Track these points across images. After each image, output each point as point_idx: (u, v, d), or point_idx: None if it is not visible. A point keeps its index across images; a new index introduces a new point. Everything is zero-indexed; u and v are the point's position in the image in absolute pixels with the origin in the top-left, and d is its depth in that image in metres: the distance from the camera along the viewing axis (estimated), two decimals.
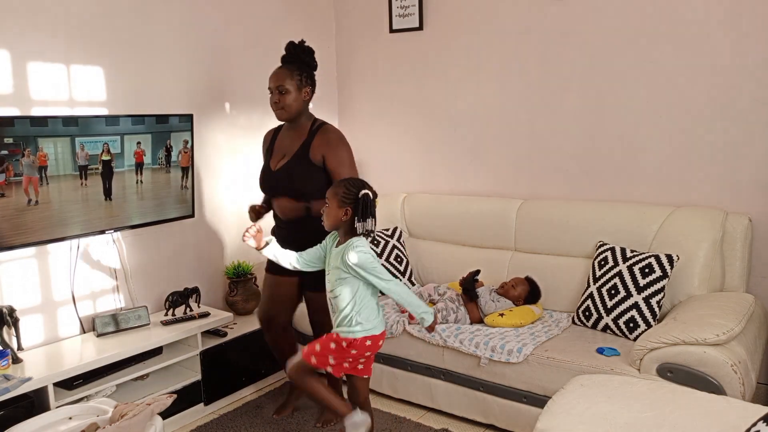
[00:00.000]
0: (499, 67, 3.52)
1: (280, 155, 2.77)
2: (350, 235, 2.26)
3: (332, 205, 2.25)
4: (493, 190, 3.63)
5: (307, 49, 2.76)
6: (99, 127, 2.75)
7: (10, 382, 2.35)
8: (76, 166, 2.69)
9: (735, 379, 2.20)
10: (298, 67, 2.71)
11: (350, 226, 2.25)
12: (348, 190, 2.23)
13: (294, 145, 2.73)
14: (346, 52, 4.15)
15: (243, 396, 3.26)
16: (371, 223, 2.23)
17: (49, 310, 2.82)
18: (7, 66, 2.60)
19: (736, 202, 2.91)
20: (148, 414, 2.08)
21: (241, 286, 3.46)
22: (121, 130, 2.82)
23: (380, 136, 4.08)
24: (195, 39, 3.32)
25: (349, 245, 2.22)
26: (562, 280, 3.12)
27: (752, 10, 2.78)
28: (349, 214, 2.23)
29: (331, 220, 2.26)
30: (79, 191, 2.72)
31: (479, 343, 2.75)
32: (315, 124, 2.76)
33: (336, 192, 2.25)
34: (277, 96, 2.68)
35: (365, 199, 2.22)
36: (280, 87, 2.66)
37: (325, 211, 2.28)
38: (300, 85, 2.69)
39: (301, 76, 2.69)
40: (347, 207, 2.23)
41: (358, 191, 2.22)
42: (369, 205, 2.22)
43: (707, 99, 2.93)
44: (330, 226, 2.29)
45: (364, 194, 2.22)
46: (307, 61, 2.74)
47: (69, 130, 2.64)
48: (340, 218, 2.24)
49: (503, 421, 2.75)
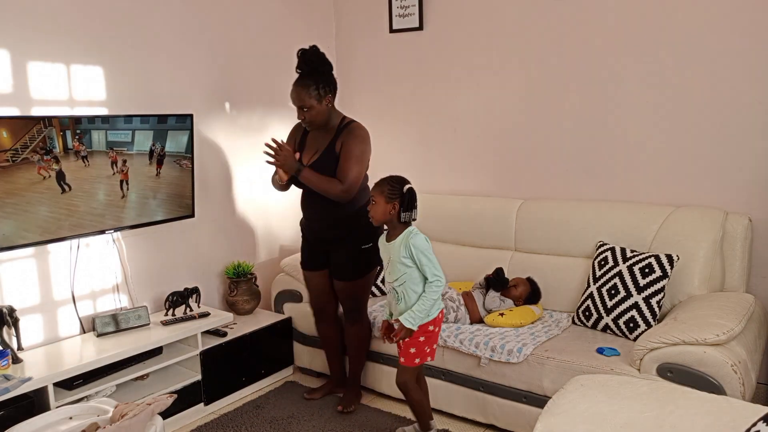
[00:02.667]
0: (499, 67, 3.52)
1: (312, 151, 2.86)
2: (400, 227, 2.48)
3: (379, 201, 2.47)
4: (493, 190, 3.63)
5: (320, 56, 2.78)
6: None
7: (10, 382, 2.35)
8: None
9: (735, 379, 2.20)
10: (315, 80, 2.74)
11: (398, 219, 2.47)
12: (393, 186, 2.46)
13: (325, 141, 2.84)
14: (346, 52, 4.15)
15: (243, 396, 3.26)
16: (415, 213, 2.49)
17: (49, 310, 2.82)
18: (7, 66, 2.60)
19: (736, 202, 2.91)
20: (148, 414, 2.08)
21: (241, 286, 3.46)
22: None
23: (380, 136, 4.07)
24: (195, 39, 3.32)
25: (409, 234, 2.44)
26: (562, 280, 3.12)
27: (752, 10, 2.78)
28: (396, 208, 2.45)
29: (379, 215, 2.48)
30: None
31: (479, 343, 2.75)
32: (343, 122, 2.86)
33: (382, 190, 2.47)
34: (302, 114, 2.78)
35: (410, 192, 2.46)
36: (302, 106, 2.75)
37: (372, 208, 2.50)
38: (320, 98, 2.75)
39: (318, 89, 2.74)
40: (394, 202, 2.44)
41: (402, 186, 2.46)
42: (414, 197, 2.47)
43: (707, 99, 2.93)
44: (378, 221, 2.50)
45: (408, 188, 2.46)
46: (322, 69, 2.78)
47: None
48: (389, 212, 2.46)
49: (503, 421, 2.75)
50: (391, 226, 2.52)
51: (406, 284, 2.45)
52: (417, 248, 2.41)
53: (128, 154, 2.89)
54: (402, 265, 2.44)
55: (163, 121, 2.98)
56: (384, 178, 2.52)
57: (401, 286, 2.47)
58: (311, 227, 2.98)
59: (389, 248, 2.52)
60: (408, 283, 2.45)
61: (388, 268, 2.54)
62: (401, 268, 2.45)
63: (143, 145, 2.93)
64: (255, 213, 3.75)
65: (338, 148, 2.79)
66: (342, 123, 2.86)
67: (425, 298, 2.43)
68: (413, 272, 2.44)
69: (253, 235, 3.77)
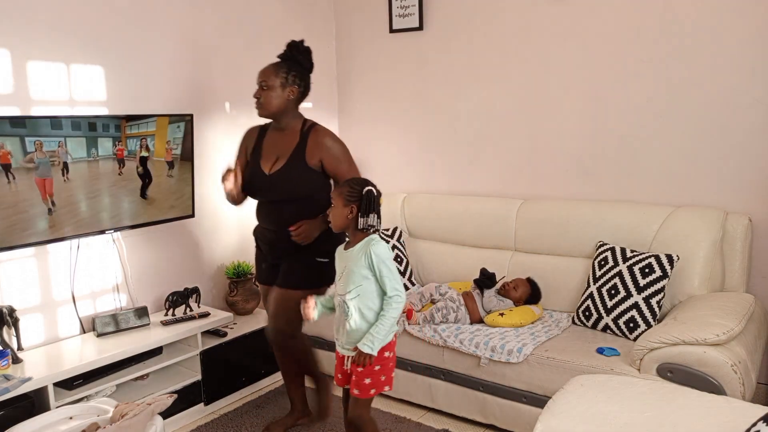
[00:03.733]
0: (499, 67, 3.52)
1: (272, 157, 2.64)
2: (359, 234, 2.23)
3: (338, 204, 2.23)
4: (493, 190, 3.63)
5: (303, 49, 2.67)
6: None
7: (10, 382, 2.35)
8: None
9: (735, 379, 2.20)
10: (289, 65, 2.61)
11: (355, 225, 2.22)
12: (352, 188, 2.22)
13: (287, 148, 2.62)
14: (346, 52, 4.15)
15: (243, 396, 3.26)
16: (374, 219, 2.19)
17: (49, 310, 2.82)
18: (7, 66, 2.60)
19: (736, 202, 2.91)
20: (148, 414, 2.08)
21: (241, 286, 3.46)
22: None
23: (380, 136, 4.08)
24: (195, 39, 3.32)
25: (370, 241, 2.20)
26: (562, 280, 3.12)
27: (752, 10, 2.78)
28: (354, 212, 2.20)
29: (337, 219, 2.24)
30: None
31: (479, 343, 2.75)
32: (305, 126, 2.66)
33: (340, 192, 2.24)
34: (259, 91, 2.60)
35: (369, 195, 2.20)
36: (263, 82, 2.59)
37: (331, 212, 2.26)
38: (285, 83, 2.58)
39: (288, 74, 2.59)
40: (352, 205, 2.20)
41: (362, 188, 2.21)
42: (372, 201, 2.20)
43: (707, 99, 2.93)
44: (337, 226, 2.26)
45: (367, 191, 2.20)
46: (300, 60, 2.64)
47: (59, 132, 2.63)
48: (347, 217, 2.21)
49: (503, 421, 2.75)
50: (351, 233, 2.26)
51: (360, 298, 2.19)
52: (378, 257, 2.16)
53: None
54: (358, 275, 2.18)
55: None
56: (347, 179, 2.32)
57: (354, 299, 2.19)
58: (267, 237, 2.72)
59: (346, 256, 2.25)
60: (362, 297, 2.19)
61: (341, 280, 2.26)
62: (357, 278, 2.18)
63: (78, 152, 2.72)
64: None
65: (313, 162, 2.58)
66: (305, 127, 2.64)
67: (385, 317, 2.16)
68: (370, 285, 2.19)
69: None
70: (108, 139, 2.80)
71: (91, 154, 2.76)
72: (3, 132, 2.44)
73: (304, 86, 2.65)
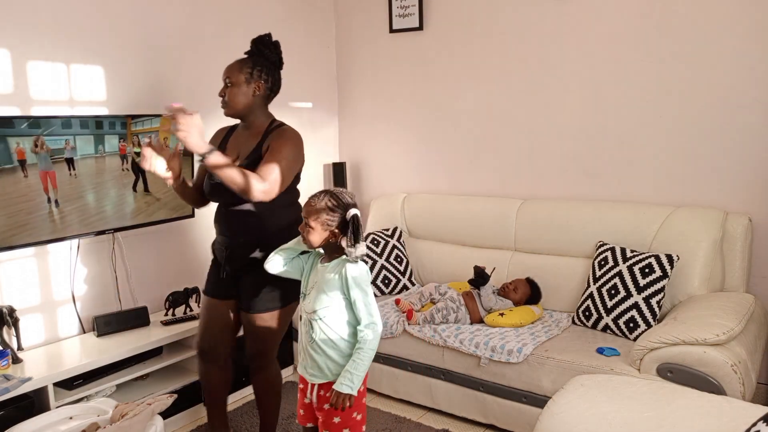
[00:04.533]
0: (499, 67, 3.52)
1: (233, 155, 2.44)
2: (339, 251, 2.00)
3: (316, 227, 1.96)
4: (493, 190, 3.63)
5: (269, 43, 2.49)
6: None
7: (10, 382, 2.35)
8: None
9: (735, 379, 2.20)
10: (254, 60, 2.44)
11: (336, 245, 1.99)
12: (333, 211, 1.95)
13: (248, 147, 2.43)
14: (346, 52, 4.15)
15: (243, 396, 3.26)
16: (364, 248, 1.94)
17: (49, 310, 2.82)
18: (7, 66, 2.60)
19: (736, 202, 2.91)
20: (148, 414, 2.08)
21: None
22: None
23: (380, 136, 4.08)
24: (195, 39, 3.32)
25: (346, 261, 1.95)
26: (562, 280, 3.12)
27: (752, 10, 2.78)
28: (337, 236, 1.96)
29: (316, 242, 1.98)
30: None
31: (479, 343, 2.75)
32: (273, 125, 2.46)
33: (318, 213, 1.95)
34: (223, 89, 2.42)
35: (355, 221, 1.92)
36: (227, 79, 2.41)
37: (307, 234, 1.98)
38: (249, 78, 2.40)
39: (253, 70, 2.41)
40: (334, 229, 1.96)
41: (345, 211, 1.94)
42: (360, 227, 1.93)
43: (707, 99, 2.93)
44: (314, 247, 2.00)
45: (353, 216, 1.93)
46: (266, 54, 2.46)
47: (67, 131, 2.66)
48: (328, 240, 1.97)
49: (503, 421, 2.75)
50: (328, 249, 2.02)
51: (326, 320, 1.95)
52: (354, 279, 1.91)
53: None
54: (328, 295, 1.95)
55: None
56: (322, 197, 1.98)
57: (319, 321, 1.96)
58: (223, 246, 2.49)
59: (318, 271, 2.03)
60: (327, 319, 1.95)
61: (309, 294, 2.03)
62: (325, 299, 1.95)
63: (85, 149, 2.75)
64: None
65: (264, 150, 2.36)
66: (271, 125, 2.45)
67: (362, 350, 1.89)
68: (340, 308, 1.95)
69: None
70: (114, 136, 2.83)
71: (98, 151, 2.78)
72: (21, 133, 2.53)
73: (271, 82, 2.45)
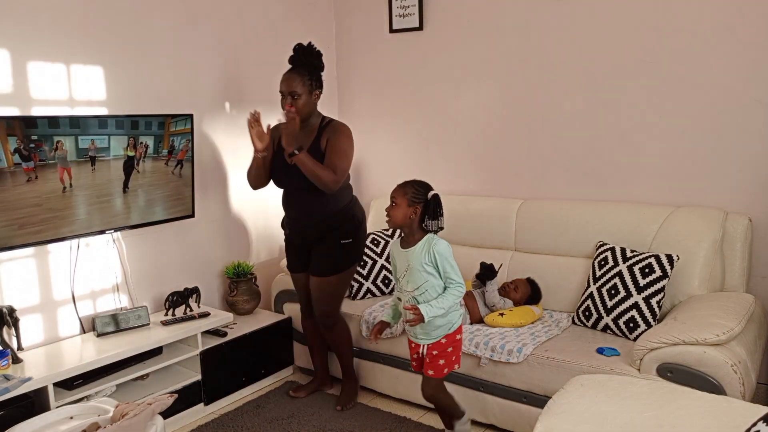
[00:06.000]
0: (499, 67, 3.52)
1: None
2: (419, 233, 2.40)
3: (401, 204, 2.38)
4: (493, 190, 3.63)
5: (316, 53, 2.87)
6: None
7: (10, 382, 2.35)
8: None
9: (735, 379, 2.20)
10: (309, 71, 2.81)
11: (418, 224, 2.39)
12: (417, 189, 2.38)
13: (307, 140, 2.84)
14: (347, 53, 4.15)
15: (243, 396, 3.26)
16: (443, 221, 2.39)
17: (49, 310, 2.82)
18: (7, 66, 2.60)
19: (736, 202, 2.91)
20: (149, 413, 2.08)
21: (241, 286, 3.46)
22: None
23: (380, 136, 4.08)
24: (195, 39, 3.32)
25: (431, 240, 2.38)
26: (562, 280, 3.12)
27: (752, 10, 2.78)
28: (418, 212, 2.37)
29: (399, 218, 2.38)
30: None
31: (479, 343, 2.75)
32: (324, 121, 2.89)
33: (405, 191, 2.38)
34: (290, 102, 2.78)
35: (436, 199, 2.38)
36: (293, 92, 2.77)
37: (391, 210, 2.40)
38: (311, 88, 2.81)
39: (311, 80, 2.80)
40: (417, 206, 2.37)
41: (427, 191, 2.38)
42: (440, 204, 2.38)
43: (707, 99, 2.93)
44: (397, 224, 2.41)
45: (434, 194, 2.38)
46: (316, 64, 2.86)
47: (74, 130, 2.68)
48: (410, 216, 2.37)
49: (503, 421, 2.75)
50: (409, 231, 2.43)
51: (428, 293, 2.38)
52: (441, 255, 2.35)
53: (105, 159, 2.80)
54: (424, 272, 2.37)
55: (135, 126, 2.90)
56: (408, 181, 2.45)
57: (423, 294, 2.39)
58: (294, 226, 2.99)
59: (406, 255, 2.42)
60: (430, 292, 2.39)
61: (405, 277, 2.44)
62: (423, 275, 2.38)
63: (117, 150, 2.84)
64: (255, 213, 3.75)
65: (323, 145, 2.82)
66: (323, 122, 2.89)
67: (445, 297, 2.36)
68: (435, 280, 2.38)
69: (253, 235, 3.77)
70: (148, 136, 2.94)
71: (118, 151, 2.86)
72: (64, 132, 2.63)
73: (322, 87, 2.89)
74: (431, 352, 2.46)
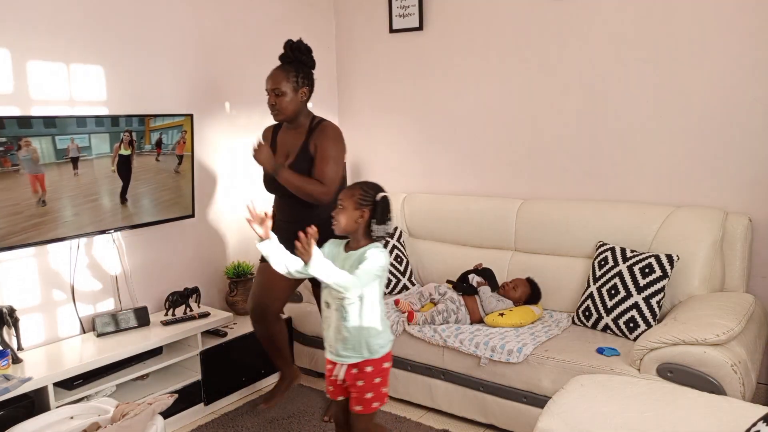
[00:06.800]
0: (499, 66, 3.52)
1: (283, 155, 2.75)
2: (366, 240, 2.16)
3: (347, 206, 2.14)
4: (493, 190, 3.63)
5: (305, 48, 2.72)
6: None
7: (10, 382, 2.35)
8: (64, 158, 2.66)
9: (735, 379, 2.20)
10: (296, 67, 2.68)
11: (365, 230, 2.15)
12: (365, 192, 2.15)
13: (296, 144, 2.72)
14: (346, 52, 4.15)
15: (243, 396, 3.26)
16: (390, 227, 2.16)
17: (49, 310, 2.82)
18: (7, 66, 2.60)
19: (736, 202, 2.91)
20: (149, 413, 2.08)
21: (241, 286, 3.46)
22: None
23: (380, 136, 4.08)
24: (195, 39, 3.32)
25: (372, 247, 2.13)
26: (562, 280, 3.12)
27: (752, 10, 2.78)
28: (365, 216, 2.13)
29: (345, 222, 2.14)
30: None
31: (479, 343, 2.75)
32: (314, 122, 2.76)
33: (351, 194, 2.15)
34: (273, 98, 2.67)
35: (384, 201, 2.15)
36: (276, 89, 2.65)
37: (337, 214, 2.16)
38: (296, 86, 2.67)
39: (297, 77, 2.67)
40: (363, 209, 2.13)
41: (376, 193, 2.15)
42: (388, 208, 2.16)
43: (707, 99, 2.93)
44: (343, 229, 2.16)
45: (383, 197, 2.15)
46: (304, 60, 2.71)
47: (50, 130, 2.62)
48: (356, 220, 2.14)
49: (503, 421, 2.75)
50: (355, 237, 2.18)
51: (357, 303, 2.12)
52: (370, 259, 2.07)
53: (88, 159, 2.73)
54: None
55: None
56: (357, 182, 2.22)
57: (353, 304, 2.11)
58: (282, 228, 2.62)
59: (345, 259, 2.16)
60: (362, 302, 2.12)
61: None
62: None
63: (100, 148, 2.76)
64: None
65: (312, 149, 2.68)
66: (313, 122, 2.75)
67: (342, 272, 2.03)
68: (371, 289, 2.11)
69: (253, 234, 3.76)
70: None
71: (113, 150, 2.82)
72: (39, 132, 2.53)
73: (311, 85, 2.74)
74: (350, 371, 2.15)
